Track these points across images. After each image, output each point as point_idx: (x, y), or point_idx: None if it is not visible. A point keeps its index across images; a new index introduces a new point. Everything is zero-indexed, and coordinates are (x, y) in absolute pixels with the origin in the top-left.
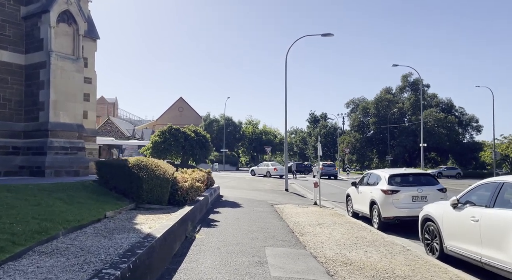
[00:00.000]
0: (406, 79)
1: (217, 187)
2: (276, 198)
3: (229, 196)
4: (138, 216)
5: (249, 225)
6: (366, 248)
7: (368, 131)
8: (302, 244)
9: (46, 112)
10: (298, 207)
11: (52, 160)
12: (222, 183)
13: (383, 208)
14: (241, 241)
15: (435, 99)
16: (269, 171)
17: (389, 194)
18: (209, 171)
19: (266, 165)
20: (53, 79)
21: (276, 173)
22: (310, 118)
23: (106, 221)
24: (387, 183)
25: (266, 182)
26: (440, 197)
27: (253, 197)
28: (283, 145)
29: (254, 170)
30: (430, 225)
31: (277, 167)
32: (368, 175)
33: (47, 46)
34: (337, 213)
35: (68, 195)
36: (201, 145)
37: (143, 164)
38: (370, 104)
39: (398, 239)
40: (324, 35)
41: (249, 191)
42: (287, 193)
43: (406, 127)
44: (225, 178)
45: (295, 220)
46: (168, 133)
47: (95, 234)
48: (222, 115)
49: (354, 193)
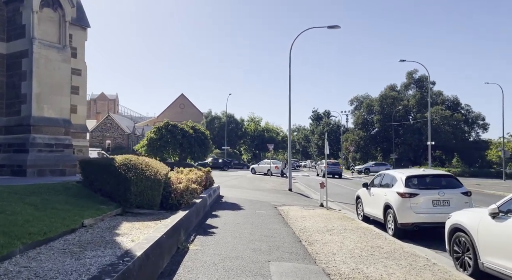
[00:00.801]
0: (411, 76)
1: (217, 187)
2: (280, 198)
3: (229, 197)
4: (123, 224)
5: (251, 232)
6: (385, 262)
7: (372, 129)
8: (311, 257)
9: (28, 106)
10: (303, 209)
11: (35, 158)
12: (223, 182)
13: (400, 213)
14: (242, 254)
15: (440, 97)
16: (270, 169)
17: (407, 197)
18: (209, 170)
19: (267, 163)
20: (36, 70)
21: (277, 171)
22: (313, 115)
23: (82, 231)
24: (404, 185)
25: (268, 181)
26: (464, 202)
27: (255, 197)
28: (285, 143)
29: (254, 168)
30: (460, 236)
31: (278, 165)
32: (382, 176)
33: (30, 33)
34: (346, 217)
35: (43, 199)
36: (200, 142)
37: (131, 164)
38: (375, 101)
39: (419, 249)
40: (330, 27)
41: (251, 191)
42: (291, 193)
43: (411, 124)
44: (226, 177)
45: (301, 225)
46: (164, 130)
47: (62, 251)
48: (223, 112)
49: (365, 195)
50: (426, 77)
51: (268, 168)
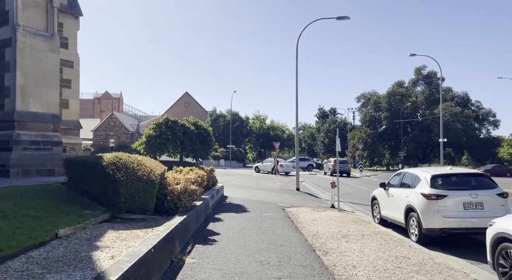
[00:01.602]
0: (419, 72)
1: (221, 187)
2: (287, 199)
3: (234, 197)
4: (107, 234)
5: (258, 240)
6: (416, 277)
7: (379, 126)
8: (329, 271)
9: (12, 99)
10: (313, 211)
11: (20, 157)
12: (227, 182)
13: (425, 217)
14: (247, 269)
15: (449, 93)
16: (274, 167)
17: (433, 199)
18: (212, 169)
19: (271, 162)
20: (21, 60)
21: (282, 170)
22: (319, 113)
23: (55, 244)
24: (429, 185)
25: (274, 180)
26: (500, 205)
27: (261, 198)
28: (291, 141)
29: (258, 166)
30: (508, 249)
31: (283, 164)
32: (402, 175)
33: (13, 20)
34: (361, 219)
35: (16, 204)
36: (202, 139)
37: (121, 162)
38: (382, 98)
39: (451, 259)
40: (340, 18)
41: (257, 190)
42: (299, 193)
43: (420, 122)
44: (231, 176)
45: (313, 230)
46: (164, 126)
47: (18, 275)
48: (228, 110)
49: (383, 196)
50: (435, 73)
51: (273, 166)
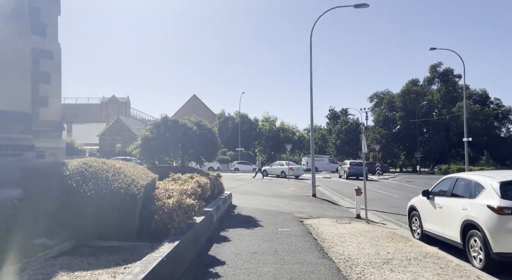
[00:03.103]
0: (434, 70)
1: (228, 195)
2: (304, 207)
3: (243, 207)
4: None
5: (275, 274)
6: None
7: (394, 127)
8: None
9: None
10: (337, 223)
11: None
12: (237, 187)
13: (495, 238)
14: None
15: (467, 91)
16: (284, 171)
17: (507, 214)
18: (218, 174)
19: (280, 165)
20: None
21: (292, 173)
22: (330, 114)
23: None
24: (499, 195)
25: (287, 185)
26: None
27: (274, 207)
28: (302, 143)
29: (266, 170)
30: None
31: (293, 167)
32: (452, 181)
33: None
34: (396, 234)
35: None
36: (206, 141)
37: (91, 171)
38: (396, 97)
39: None
40: (357, 6)
41: (269, 197)
42: (315, 200)
43: (436, 121)
44: (240, 180)
45: (343, 252)
46: (162, 126)
47: None
48: (237, 112)
49: (426, 207)
50: (451, 70)
51: (282, 170)
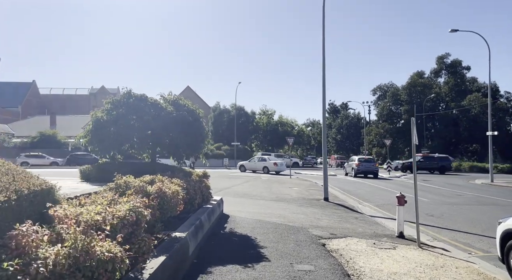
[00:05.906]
0: (442, 61)
1: (218, 203)
2: (319, 218)
3: (238, 218)
4: None
5: None
6: None
7: (398, 121)
8: None
9: None
10: (376, 248)
11: None
12: (230, 188)
13: None
14: None
15: (475, 84)
16: (267, 166)
17: None
18: (204, 174)
19: (262, 160)
20: None
21: (276, 169)
22: (330, 108)
23: None
24: None
25: (289, 184)
26: None
27: (280, 217)
28: (301, 137)
29: (244, 165)
30: None
31: (277, 162)
32: None
33: None
34: (475, 271)
35: None
36: (187, 127)
37: None
38: (401, 90)
39: None
40: None
41: (271, 202)
42: (329, 206)
43: (444, 115)
44: (236, 178)
45: None
46: (124, 106)
47: None
48: (233, 105)
49: None
50: (459, 61)
51: (265, 165)
